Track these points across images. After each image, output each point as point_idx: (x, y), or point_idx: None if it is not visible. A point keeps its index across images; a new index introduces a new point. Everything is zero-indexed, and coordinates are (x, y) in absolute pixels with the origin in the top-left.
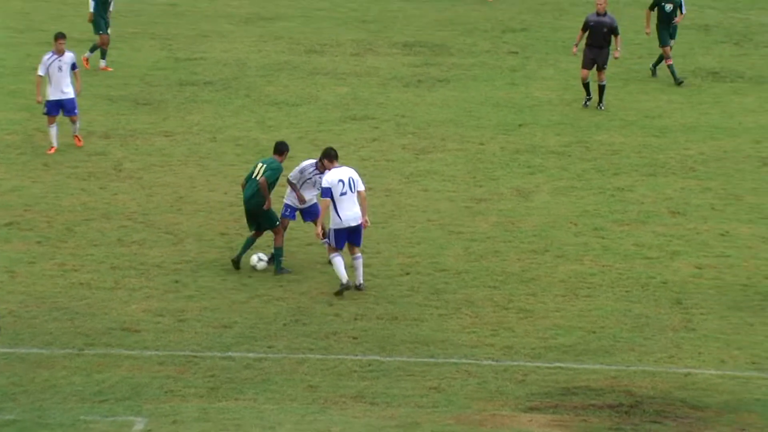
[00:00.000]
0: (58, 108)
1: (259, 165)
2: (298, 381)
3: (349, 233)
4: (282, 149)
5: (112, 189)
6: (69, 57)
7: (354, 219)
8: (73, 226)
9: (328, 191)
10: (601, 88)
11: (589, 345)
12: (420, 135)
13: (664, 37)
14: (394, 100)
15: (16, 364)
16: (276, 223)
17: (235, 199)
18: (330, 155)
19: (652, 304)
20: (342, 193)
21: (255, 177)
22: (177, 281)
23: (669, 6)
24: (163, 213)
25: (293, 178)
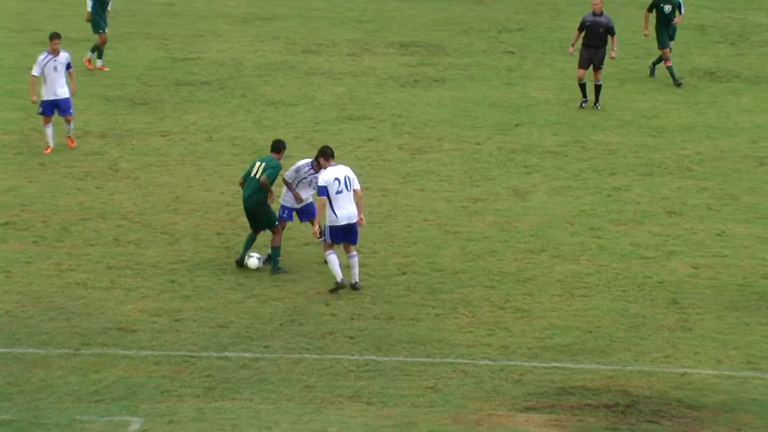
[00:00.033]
0: (53, 108)
1: (258, 163)
2: (294, 381)
3: (345, 232)
4: (279, 147)
5: (108, 189)
6: (64, 57)
7: (350, 217)
8: (70, 225)
9: (324, 189)
10: (598, 87)
11: (586, 345)
12: (416, 135)
13: (663, 39)
14: (390, 99)
15: (12, 363)
16: (275, 223)
17: (232, 199)
18: (326, 153)
19: (648, 303)
20: (338, 192)
21: (254, 176)
22: (173, 281)
23: (668, 7)
24: (160, 213)
25: (289, 177)
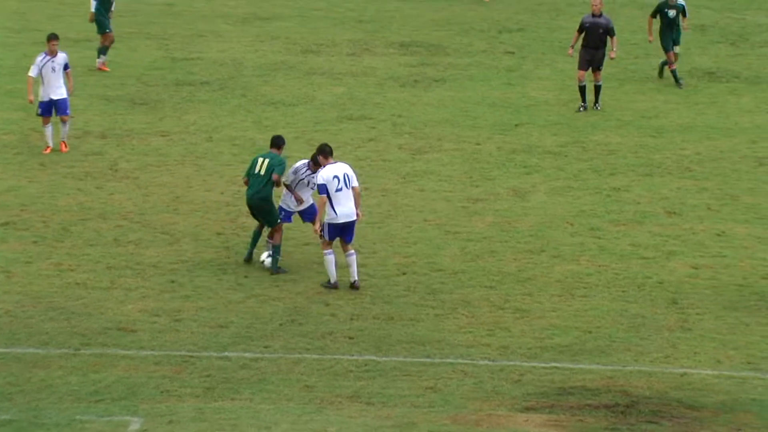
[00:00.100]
0: (51, 108)
1: (260, 160)
2: (294, 381)
3: (343, 229)
4: (280, 143)
5: (108, 189)
6: (62, 57)
7: (349, 215)
8: (70, 225)
9: (323, 187)
10: (597, 88)
11: (585, 345)
12: (416, 135)
13: (667, 42)
14: (390, 100)
15: (12, 363)
16: (277, 220)
17: (232, 199)
18: (325, 151)
19: (648, 304)
20: (337, 189)
21: (258, 172)
22: (173, 281)
23: (672, 12)
24: (160, 213)
25: (288, 180)
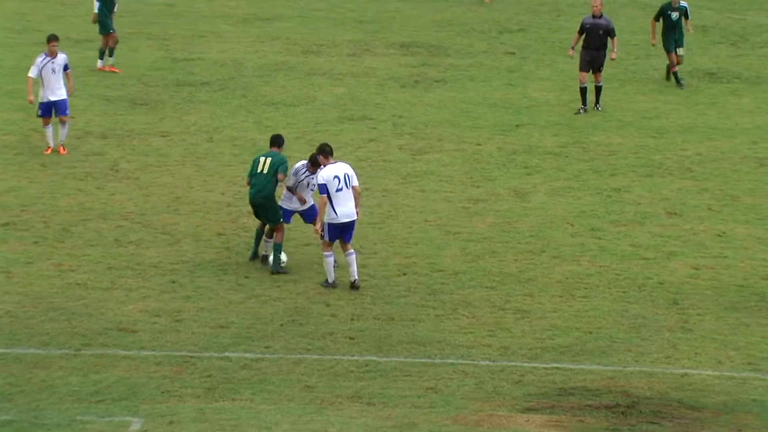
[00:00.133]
0: (51, 110)
1: (262, 159)
2: (294, 381)
3: (343, 229)
4: (280, 141)
5: (109, 189)
6: (62, 58)
7: (349, 215)
8: (70, 226)
9: (324, 187)
10: (598, 89)
11: (586, 345)
12: (417, 135)
13: (669, 45)
14: (391, 100)
15: (12, 364)
16: (280, 219)
17: (233, 200)
18: (325, 151)
19: (648, 304)
20: (338, 189)
21: (261, 171)
22: (174, 281)
23: (675, 14)
24: (160, 213)
25: (290, 182)
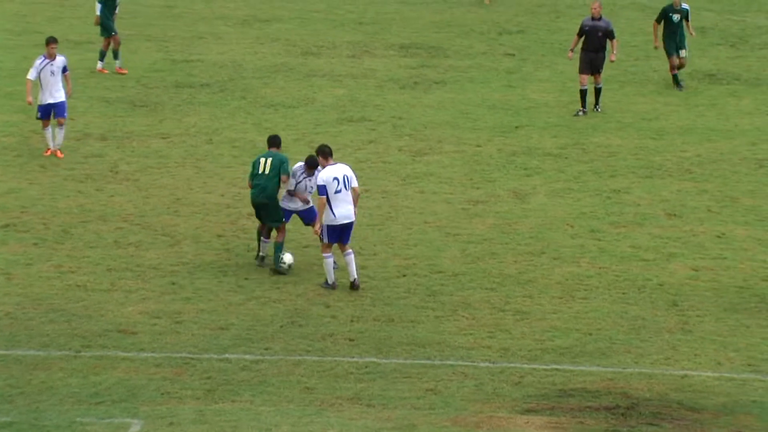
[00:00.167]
0: (50, 112)
1: (263, 160)
2: (294, 383)
3: (342, 231)
4: (278, 141)
5: (108, 191)
6: (60, 61)
7: (348, 216)
8: (70, 228)
9: (323, 189)
10: (598, 90)
11: (586, 347)
12: (416, 137)
13: (671, 48)
14: (390, 101)
15: (12, 365)
16: (281, 220)
17: (232, 201)
18: (324, 152)
19: (648, 306)
20: (336, 191)
21: (263, 172)
22: (173, 283)
23: (676, 16)
24: (160, 215)
25: (290, 185)
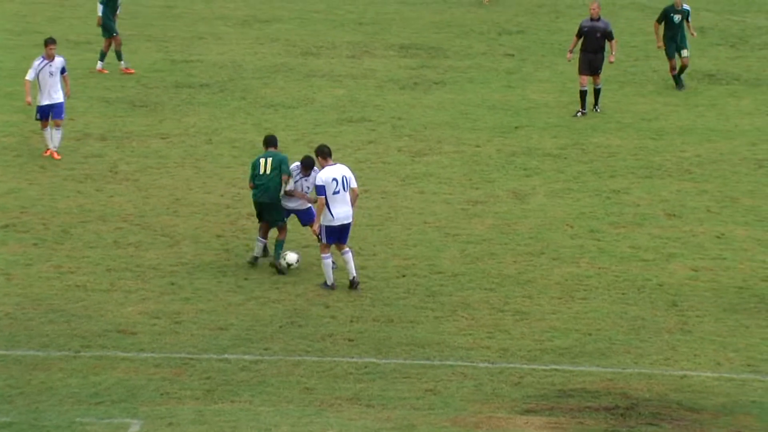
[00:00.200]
0: (48, 113)
1: (263, 160)
2: (294, 383)
3: (340, 231)
4: (276, 141)
5: (108, 191)
6: (59, 62)
7: (346, 218)
8: (69, 228)
9: (322, 189)
10: (597, 91)
11: (585, 347)
12: (416, 137)
13: (671, 50)
14: (390, 102)
15: (12, 366)
16: (284, 219)
17: (232, 201)
18: (324, 152)
19: (648, 306)
20: (335, 192)
21: (264, 172)
22: (173, 283)
23: (677, 17)
24: (159, 215)
25: (290, 187)
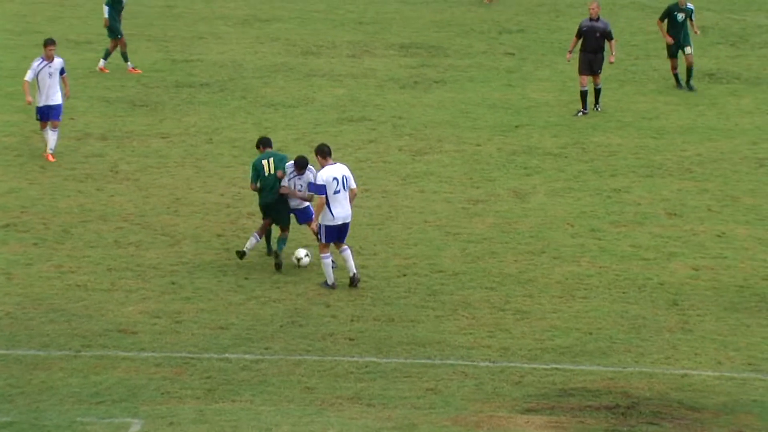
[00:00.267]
0: (47, 113)
1: (266, 161)
2: (294, 382)
3: (339, 230)
4: (270, 141)
5: (108, 191)
6: (58, 63)
7: (345, 217)
8: (70, 227)
9: (322, 189)
10: (597, 91)
11: (586, 346)
12: (417, 136)
13: (673, 47)
14: (390, 101)
15: (12, 365)
16: (289, 220)
17: (232, 201)
18: (324, 151)
19: (648, 305)
20: (336, 191)
21: (269, 174)
22: (173, 283)
23: (681, 15)
24: (160, 215)
25: (286, 184)
